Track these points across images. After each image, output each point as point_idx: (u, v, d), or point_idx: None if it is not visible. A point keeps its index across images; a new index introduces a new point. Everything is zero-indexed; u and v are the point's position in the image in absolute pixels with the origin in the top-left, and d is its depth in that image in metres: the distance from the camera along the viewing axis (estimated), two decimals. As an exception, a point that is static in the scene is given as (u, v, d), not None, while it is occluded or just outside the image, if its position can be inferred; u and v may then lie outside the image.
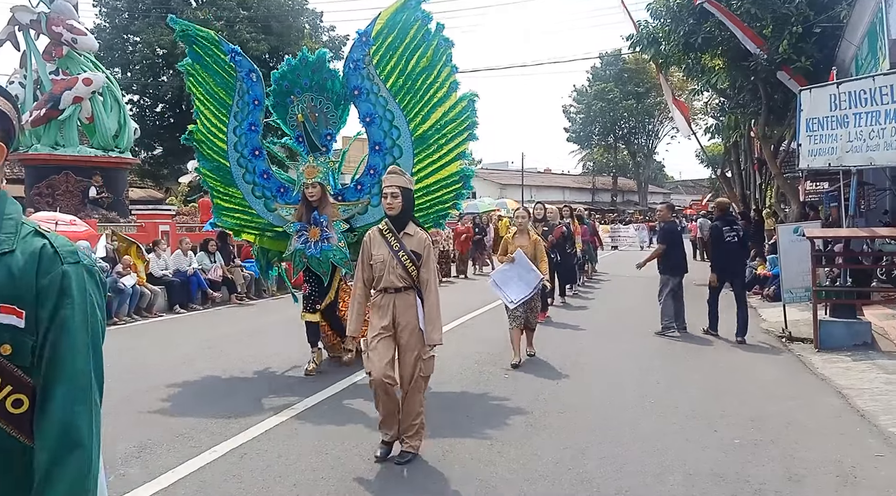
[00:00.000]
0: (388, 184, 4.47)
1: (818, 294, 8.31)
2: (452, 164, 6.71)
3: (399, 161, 6.57)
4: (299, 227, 6.83)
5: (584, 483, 4.08)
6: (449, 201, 6.85)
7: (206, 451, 4.61)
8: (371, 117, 6.79)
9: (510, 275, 7.23)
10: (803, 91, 9.24)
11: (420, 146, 6.70)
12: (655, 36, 14.86)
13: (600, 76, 52.61)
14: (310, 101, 6.97)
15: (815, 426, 5.20)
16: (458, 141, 6.68)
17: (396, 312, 4.41)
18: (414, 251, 4.43)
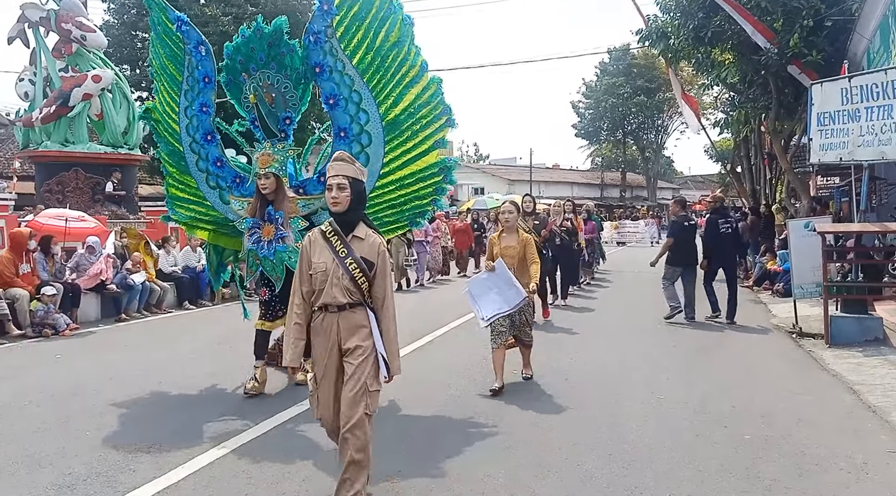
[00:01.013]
0: (333, 173, 3.62)
1: (829, 289, 8.26)
2: (429, 153, 6.02)
3: (368, 149, 5.92)
4: (251, 224, 5.97)
5: (592, 479, 4.06)
6: (427, 197, 6.12)
7: (215, 447, 4.63)
8: (335, 99, 5.92)
9: (488, 285, 6.11)
10: (814, 85, 9.16)
11: (392, 133, 5.95)
12: (665, 30, 14.78)
13: (609, 71, 52.41)
14: (265, 79, 6.05)
15: (827, 422, 5.16)
16: (435, 127, 6.00)
17: (341, 336, 3.58)
18: (365, 258, 3.60)
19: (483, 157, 72.63)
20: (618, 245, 31.22)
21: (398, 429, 5.00)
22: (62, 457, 4.51)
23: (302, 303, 3.67)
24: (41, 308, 9.37)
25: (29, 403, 5.85)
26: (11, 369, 7.27)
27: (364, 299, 3.62)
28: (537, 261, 6.28)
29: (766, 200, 20.10)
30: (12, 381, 6.70)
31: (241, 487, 3.97)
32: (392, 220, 6.22)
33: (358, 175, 3.70)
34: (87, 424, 5.23)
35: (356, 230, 3.66)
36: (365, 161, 5.78)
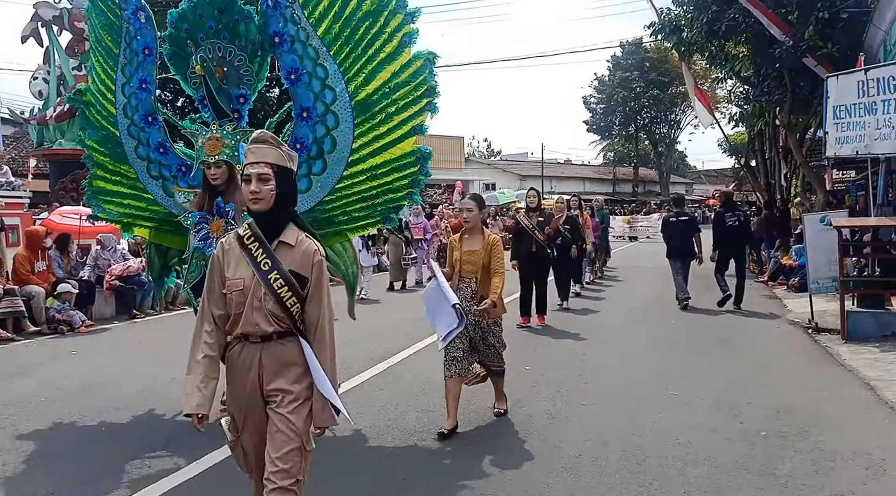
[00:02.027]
0: (252, 159, 2.73)
1: (845, 284, 8.19)
2: (405, 140, 5.28)
3: (335, 132, 5.15)
4: (198, 219, 5.20)
5: (606, 476, 4.05)
6: (402, 189, 5.39)
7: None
8: (297, 74, 5.14)
9: (441, 298, 4.86)
10: (830, 78, 9.07)
11: (362, 115, 5.16)
12: (678, 23, 14.66)
13: (622, 65, 52.14)
14: (215, 50, 5.16)
15: (843, 418, 5.12)
16: (413, 111, 5.22)
17: (263, 374, 2.74)
18: (295, 272, 2.74)
19: (495, 152, 72.56)
20: (630, 240, 31.10)
21: (408, 426, 5.00)
22: (78, 452, 4.54)
23: (214, 331, 2.78)
24: (57, 305, 9.45)
25: (45, 399, 5.90)
26: (28, 366, 7.34)
27: (296, 326, 2.77)
28: (502, 271, 5.13)
29: (782, 194, 19.95)
30: (28, 378, 6.77)
31: (255, 483, 3.99)
32: (362, 216, 5.45)
33: (285, 161, 2.78)
34: (102, 420, 5.27)
35: (284, 234, 2.78)
36: (331, 146, 5.15)
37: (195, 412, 2.73)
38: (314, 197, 5.27)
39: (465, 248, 5.12)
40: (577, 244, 10.88)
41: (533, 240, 8.92)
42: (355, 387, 6.10)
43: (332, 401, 2.78)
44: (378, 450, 4.53)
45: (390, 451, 4.50)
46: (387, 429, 4.94)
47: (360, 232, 5.70)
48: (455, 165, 43.21)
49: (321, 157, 5.18)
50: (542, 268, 9.24)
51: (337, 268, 5.48)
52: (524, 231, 9.04)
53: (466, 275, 5.08)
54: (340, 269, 5.53)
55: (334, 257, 5.44)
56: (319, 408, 2.77)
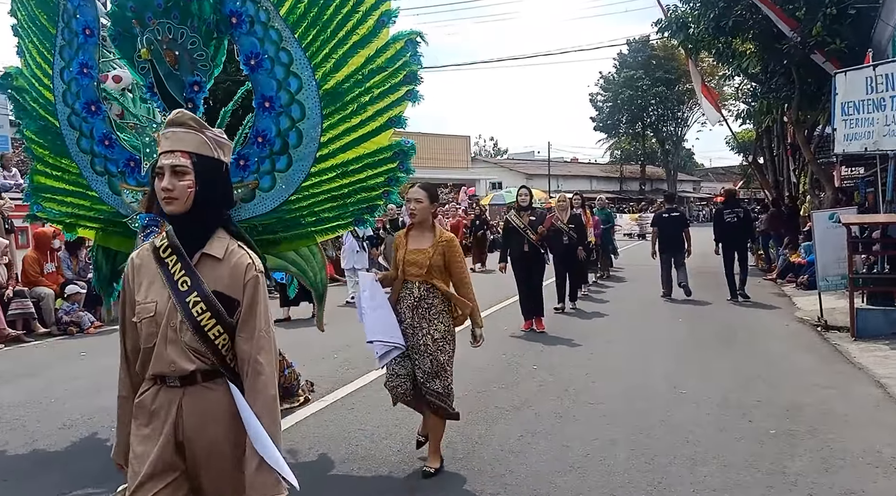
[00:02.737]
0: (165, 148, 2.15)
1: (855, 281, 8.15)
2: (381, 133, 4.75)
3: (301, 125, 4.61)
4: (147, 222, 4.61)
5: (614, 475, 4.04)
6: (378, 187, 4.85)
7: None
8: (257, 59, 4.58)
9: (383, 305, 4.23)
10: (838, 74, 9.02)
11: (332, 105, 4.64)
12: (685, 20, 14.61)
13: (628, 63, 51.99)
14: (165, 31, 4.56)
15: (853, 416, 5.09)
16: (390, 100, 4.68)
17: (184, 428, 2.12)
18: (221, 293, 2.13)
19: (501, 151, 72.46)
20: (638, 238, 31.03)
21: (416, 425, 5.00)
22: (88, 452, 4.57)
23: (126, 368, 2.25)
24: (66, 306, 9.50)
25: (54, 400, 5.94)
26: (37, 367, 7.38)
27: (224, 364, 2.13)
28: (468, 279, 4.30)
29: (790, 191, 19.86)
30: (38, 379, 6.80)
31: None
32: (332, 217, 4.93)
33: (210, 150, 2.16)
34: (112, 420, 5.29)
35: (210, 245, 2.16)
36: (296, 140, 4.64)
37: (115, 461, 2.35)
38: (278, 196, 4.75)
39: (412, 245, 4.28)
40: (584, 244, 10.57)
41: (525, 240, 8.48)
42: (363, 387, 6.11)
43: (272, 463, 2.05)
44: (386, 449, 4.53)
45: (399, 450, 4.50)
46: (395, 427, 4.94)
47: (330, 234, 5.18)
48: (461, 165, 43.22)
49: (286, 152, 4.65)
50: (536, 270, 8.65)
51: (304, 274, 5.04)
52: (516, 231, 8.59)
53: (410, 279, 4.20)
54: (307, 276, 5.04)
55: (301, 263, 5.00)
56: (253, 471, 2.05)
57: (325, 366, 6.93)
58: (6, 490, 4.02)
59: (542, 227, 8.50)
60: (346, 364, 6.98)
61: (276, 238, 4.90)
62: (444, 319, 4.20)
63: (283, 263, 5.04)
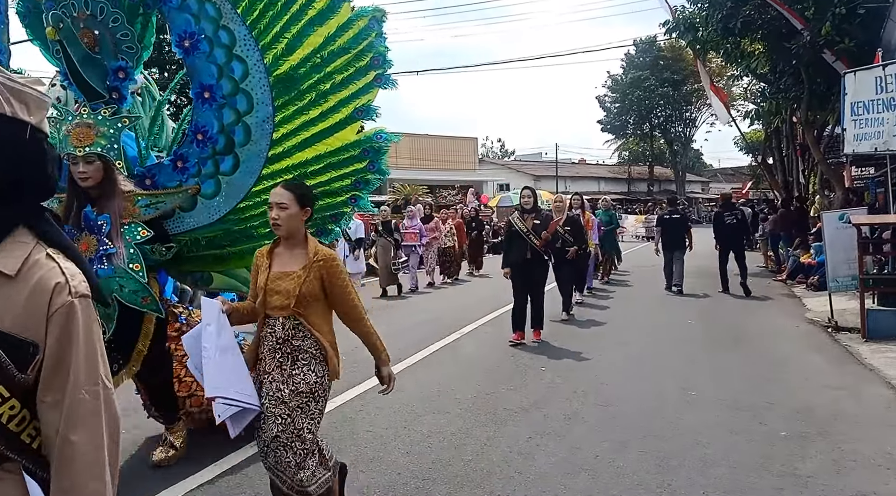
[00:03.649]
0: None
1: (865, 282, 8.10)
2: (347, 127, 4.10)
3: (248, 118, 3.96)
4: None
5: (624, 477, 4.03)
6: (343, 192, 4.23)
7: (247, 445, 4.67)
8: (192, 40, 3.87)
9: (227, 347, 3.05)
10: (847, 74, 8.98)
11: (286, 94, 3.97)
12: (692, 21, 14.59)
13: (635, 64, 51.90)
14: (81, 7, 3.85)
15: (864, 417, 5.06)
16: (356, 87, 4.02)
17: None
18: (7, 334, 1.32)
19: (509, 152, 72.44)
20: (644, 240, 30.93)
21: (423, 428, 5.01)
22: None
23: None
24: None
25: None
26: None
27: (18, 444, 1.38)
28: (359, 310, 3.16)
29: (800, 192, 19.78)
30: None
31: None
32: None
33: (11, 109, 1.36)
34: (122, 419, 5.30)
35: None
36: (244, 136, 4.00)
37: None
38: (225, 204, 4.10)
39: (277, 268, 3.09)
40: (580, 247, 9.74)
41: (528, 245, 7.83)
42: (371, 389, 6.11)
43: None
44: (395, 451, 4.53)
45: (407, 452, 4.50)
46: (403, 430, 4.94)
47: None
48: (469, 166, 43.23)
49: (231, 152, 4.01)
50: (539, 277, 8.08)
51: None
52: (518, 235, 7.93)
53: (273, 313, 3.06)
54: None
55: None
56: None
57: (334, 368, 6.93)
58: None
59: (547, 231, 7.88)
60: (354, 366, 6.95)
61: (223, 253, 4.30)
62: (315, 367, 3.05)
63: (233, 283, 4.52)
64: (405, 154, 39.88)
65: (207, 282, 4.63)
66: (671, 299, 11.69)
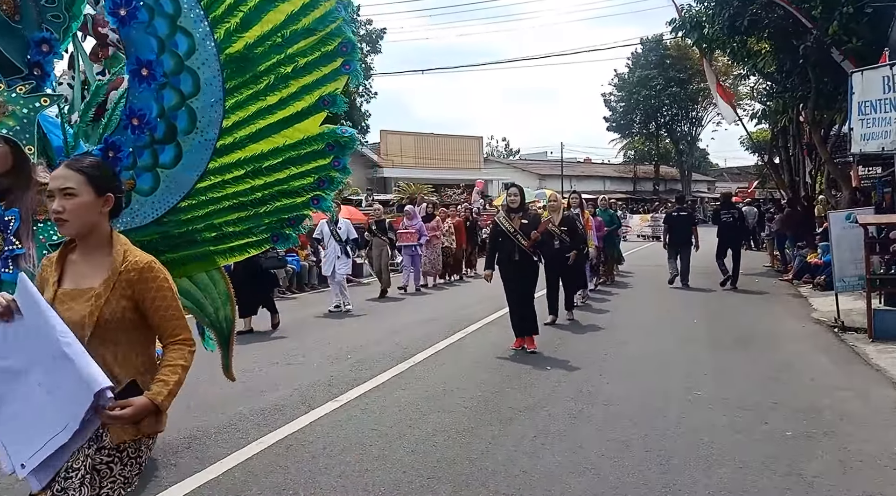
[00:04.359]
0: None
1: (872, 282, 8.07)
2: (309, 117, 3.58)
3: (194, 102, 3.41)
4: None
5: (629, 476, 4.02)
6: (304, 191, 3.70)
7: (253, 443, 4.69)
8: (129, 7, 3.33)
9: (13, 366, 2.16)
10: (854, 73, 8.96)
11: (240, 75, 3.43)
12: (699, 20, 14.55)
13: (642, 63, 51.80)
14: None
15: (871, 418, 5.05)
16: (321, 73, 3.50)
17: None
18: None
19: (513, 151, 72.38)
20: (652, 239, 30.88)
21: (429, 426, 5.01)
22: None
23: None
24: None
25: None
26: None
27: None
28: (183, 330, 2.46)
29: (806, 192, 19.72)
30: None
31: (279, 482, 4.02)
32: (240, 231, 3.73)
33: None
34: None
35: None
36: (188, 123, 3.44)
37: None
38: (164, 201, 3.54)
39: (68, 283, 2.31)
40: (578, 248, 9.36)
41: (515, 246, 7.34)
42: (376, 387, 6.13)
43: None
44: (400, 449, 4.54)
45: (412, 450, 4.51)
46: (408, 428, 4.95)
47: (236, 256, 3.83)
48: (474, 165, 43.22)
49: (173, 141, 3.46)
50: (528, 281, 7.52)
51: (201, 309, 3.85)
52: (504, 235, 7.43)
53: None
54: (206, 313, 3.87)
55: (196, 294, 3.81)
56: None
57: (339, 366, 6.95)
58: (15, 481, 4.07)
59: (536, 231, 7.35)
60: (359, 365, 7.00)
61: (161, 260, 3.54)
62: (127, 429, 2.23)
63: None
64: (410, 153, 39.94)
65: None
66: (675, 299, 11.67)
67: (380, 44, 30.35)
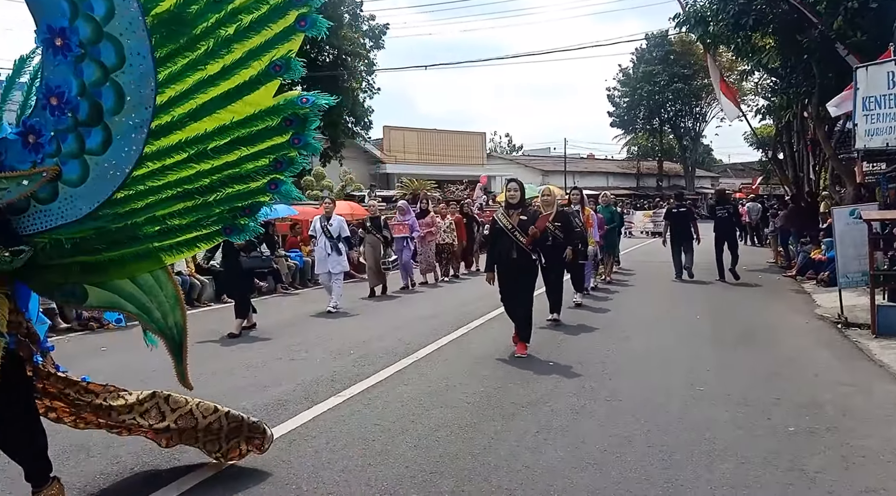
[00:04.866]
0: None
1: (876, 278, 8.06)
2: (260, 87, 3.04)
3: (119, 75, 2.90)
4: None
5: (631, 471, 4.03)
6: (259, 175, 3.23)
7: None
8: None
9: None
10: (859, 69, 8.93)
11: (172, 41, 2.89)
12: (703, 15, 14.49)
13: (646, 59, 51.66)
14: None
15: (874, 414, 5.04)
16: (271, 33, 2.95)
17: None
18: None
19: (516, 147, 72.29)
20: (653, 235, 30.86)
21: (432, 422, 5.02)
22: (110, 446, 4.62)
23: None
24: (87, 302, 9.58)
25: (76, 394, 6.00)
26: (59, 361, 7.43)
27: None
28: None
29: (810, 187, 19.67)
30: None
31: (282, 476, 4.03)
32: (187, 224, 3.31)
33: None
34: (132, 415, 5.35)
35: None
36: (115, 101, 2.94)
37: None
38: (97, 193, 3.07)
39: None
40: (573, 245, 9.06)
41: (513, 243, 7.00)
42: (379, 383, 6.14)
43: None
44: (403, 445, 4.55)
45: (415, 445, 4.51)
46: (411, 423, 4.96)
47: (184, 252, 3.48)
48: (477, 161, 43.20)
49: (100, 122, 2.96)
50: (526, 280, 7.17)
51: (147, 314, 3.53)
52: (503, 233, 7.09)
53: None
54: (152, 317, 3.56)
55: (140, 298, 3.47)
56: None
57: (342, 361, 6.96)
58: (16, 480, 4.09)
59: (535, 228, 6.99)
60: (362, 360, 7.01)
61: (98, 260, 3.31)
62: None
63: (113, 299, 3.49)
64: (413, 149, 39.93)
65: (81, 299, 3.56)
66: (678, 294, 11.66)
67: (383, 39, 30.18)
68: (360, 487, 3.86)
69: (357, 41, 27.33)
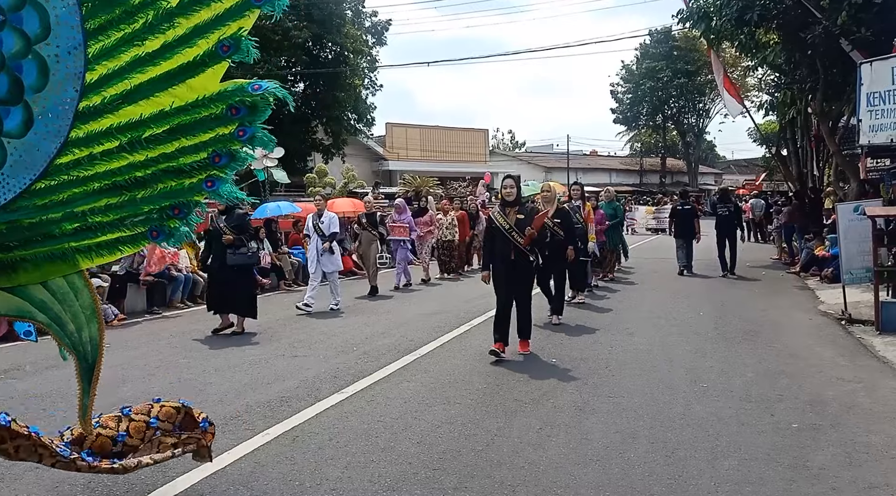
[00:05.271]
0: None
1: (880, 274, 8.05)
2: (204, 69, 2.71)
3: (44, 48, 2.55)
4: None
5: (634, 468, 4.03)
6: (197, 170, 2.88)
7: (259, 434, 4.71)
8: None
9: None
10: (863, 64, 8.91)
11: (105, 12, 2.56)
12: (707, 11, 14.45)
13: (649, 54, 51.54)
14: None
15: (877, 410, 5.04)
16: (220, 7, 2.63)
17: None
18: None
19: (519, 144, 72.19)
20: (655, 232, 30.84)
21: (434, 418, 5.02)
22: (113, 442, 4.64)
23: None
24: (90, 299, 9.59)
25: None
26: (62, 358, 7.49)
27: None
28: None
29: (814, 184, 19.62)
30: (64, 370, 6.89)
31: (285, 473, 4.04)
32: (111, 222, 2.94)
33: None
34: (135, 411, 5.36)
35: None
36: (38, 77, 2.57)
37: None
38: (13, 181, 2.67)
39: None
40: (573, 243, 8.87)
41: (511, 243, 6.78)
42: (382, 379, 6.14)
43: None
44: (406, 441, 4.55)
45: (418, 442, 4.52)
46: (414, 420, 4.97)
47: (105, 256, 3.07)
48: (479, 158, 43.16)
49: (19, 100, 2.59)
50: (524, 281, 6.97)
51: (58, 325, 3.06)
52: (499, 232, 6.87)
53: None
54: (66, 331, 3.09)
55: (53, 307, 3.02)
56: None
57: (345, 358, 6.97)
58: (37, 477, 4.10)
59: (532, 227, 6.73)
60: (365, 356, 7.02)
61: (9, 258, 2.89)
62: None
63: (23, 307, 2.99)
64: (415, 145, 39.92)
65: None
66: (681, 291, 11.65)
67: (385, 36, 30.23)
68: (363, 483, 3.87)
69: (359, 38, 27.33)
